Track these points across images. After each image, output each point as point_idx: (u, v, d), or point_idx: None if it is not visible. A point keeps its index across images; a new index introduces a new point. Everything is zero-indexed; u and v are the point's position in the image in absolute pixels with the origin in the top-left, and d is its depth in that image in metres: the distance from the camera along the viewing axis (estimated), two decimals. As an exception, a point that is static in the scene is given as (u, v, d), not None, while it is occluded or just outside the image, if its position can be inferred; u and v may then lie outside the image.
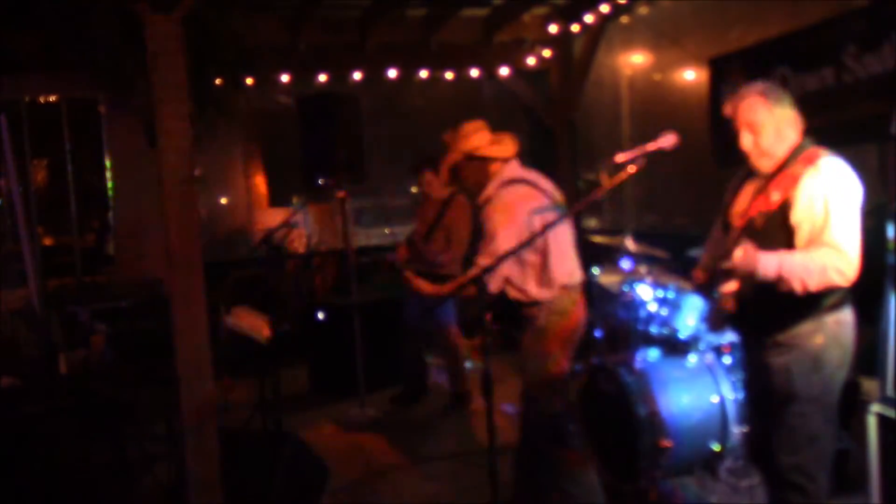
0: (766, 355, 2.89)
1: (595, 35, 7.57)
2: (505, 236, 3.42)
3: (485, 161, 3.66)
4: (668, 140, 2.89)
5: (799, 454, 2.84)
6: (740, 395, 4.09)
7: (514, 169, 3.67)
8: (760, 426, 3.08)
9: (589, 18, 7.46)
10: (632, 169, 2.91)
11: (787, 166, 2.80)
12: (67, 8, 5.86)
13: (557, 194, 3.71)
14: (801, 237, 2.75)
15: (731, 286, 2.83)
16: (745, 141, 2.88)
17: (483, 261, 3.42)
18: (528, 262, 3.54)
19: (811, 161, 2.74)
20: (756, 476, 3.99)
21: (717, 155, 5.81)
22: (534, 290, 3.55)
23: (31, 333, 4.99)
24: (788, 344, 2.82)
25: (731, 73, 5.79)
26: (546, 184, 3.70)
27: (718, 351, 4.36)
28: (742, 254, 2.65)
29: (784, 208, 2.75)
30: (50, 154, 8.64)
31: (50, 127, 7.57)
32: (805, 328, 2.80)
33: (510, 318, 3.74)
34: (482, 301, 2.96)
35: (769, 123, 2.84)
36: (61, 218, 8.37)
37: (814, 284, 2.67)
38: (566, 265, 3.60)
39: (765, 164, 2.89)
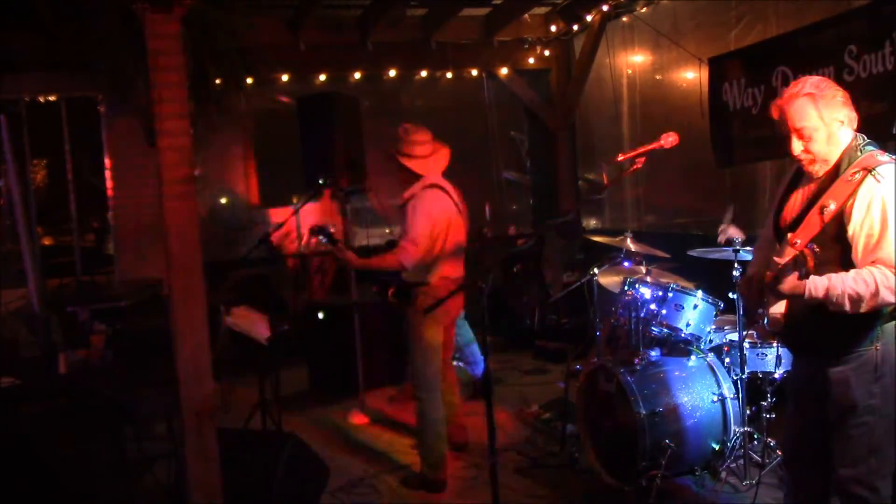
0: (823, 366, 2.70)
1: (595, 35, 7.57)
2: (422, 227, 4.26)
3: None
4: (668, 140, 2.88)
5: (859, 466, 2.66)
6: (741, 395, 4.10)
7: (435, 178, 4.47)
8: (804, 434, 2.90)
9: (589, 18, 7.47)
10: (632, 168, 2.91)
11: (842, 171, 2.60)
12: (67, 8, 5.86)
13: (461, 202, 4.55)
14: (857, 251, 2.57)
15: (779, 306, 2.70)
16: (795, 147, 2.67)
17: (408, 245, 4.24)
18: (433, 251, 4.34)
19: (868, 168, 2.54)
20: (756, 476, 4.00)
21: (717, 154, 5.79)
22: (426, 274, 4.35)
23: (31, 333, 4.99)
24: (846, 355, 2.65)
25: (730, 72, 5.79)
26: (453, 192, 4.52)
27: (718, 351, 4.36)
28: (788, 283, 2.50)
29: (839, 221, 2.57)
30: (50, 154, 8.63)
31: (50, 127, 7.56)
32: (864, 338, 2.63)
33: (405, 294, 4.46)
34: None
35: (820, 129, 2.62)
36: (61, 218, 8.36)
37: (866, 306, 2.51)
38: (452, 260, 4.40)
39: (817, 169, 2.69)
